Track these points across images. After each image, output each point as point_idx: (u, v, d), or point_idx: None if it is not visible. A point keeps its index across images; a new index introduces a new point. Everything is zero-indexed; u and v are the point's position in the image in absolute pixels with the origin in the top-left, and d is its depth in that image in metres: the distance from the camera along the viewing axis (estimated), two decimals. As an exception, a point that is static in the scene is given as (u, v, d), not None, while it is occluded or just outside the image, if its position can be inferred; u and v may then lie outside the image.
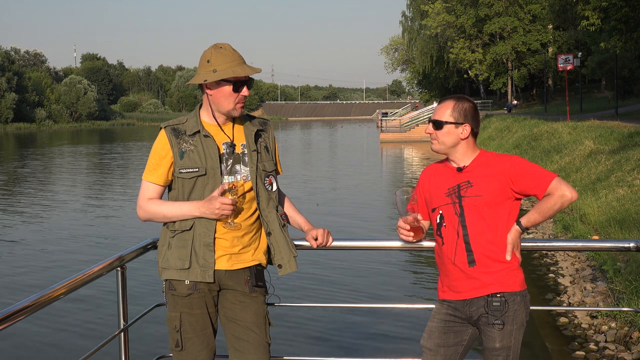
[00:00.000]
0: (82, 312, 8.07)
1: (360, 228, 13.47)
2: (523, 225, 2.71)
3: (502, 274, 2.69)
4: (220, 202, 2.68)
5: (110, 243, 12.28)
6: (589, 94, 52.84)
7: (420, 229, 2.91)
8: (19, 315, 2.27)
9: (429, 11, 58.25)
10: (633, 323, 6.45)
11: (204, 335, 2.82)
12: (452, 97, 2.81)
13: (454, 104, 2.76)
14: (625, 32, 23.24)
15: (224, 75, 2.71)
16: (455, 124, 2.74)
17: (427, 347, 2.80)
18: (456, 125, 2.74)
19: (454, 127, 2.74)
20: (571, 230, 10.38)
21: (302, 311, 7.71)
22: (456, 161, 2.79)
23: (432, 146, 2.83)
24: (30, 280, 9.76)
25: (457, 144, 2.76)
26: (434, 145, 2.81)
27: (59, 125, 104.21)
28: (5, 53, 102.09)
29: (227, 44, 2.79)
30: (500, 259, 2.70)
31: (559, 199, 2.66)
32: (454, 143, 2.76)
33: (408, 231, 2.90)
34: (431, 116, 2.83)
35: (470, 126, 2.76)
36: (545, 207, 2.67)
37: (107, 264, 2.90)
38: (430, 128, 2.80)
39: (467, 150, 2.77)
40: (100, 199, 19.41)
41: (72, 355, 6.68)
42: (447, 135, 2.75)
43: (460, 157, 2.78)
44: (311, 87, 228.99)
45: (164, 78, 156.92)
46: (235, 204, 2.73)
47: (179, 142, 2.79)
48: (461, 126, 2.75)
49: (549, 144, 20.71)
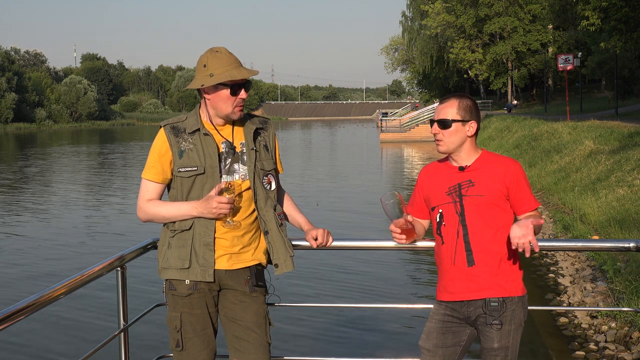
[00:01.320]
0: (82, 312, 8.06)
1: (360, 228, 13.46)
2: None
3: (502, 276, 2.69)
4: (217, 201, 2.68)
5: (110, 243, 12.27)
6: (589, 94, 52.83)
7: (412, 230, 2.88)
8: (19, 315, 2.27)
9: (429, 11, 58.24)
10: (633, 323, 6.45)
11: (204, 335, 2.82)
12: (454, 96, 2.78)
13: (458, 102, 2.74)
14: (625, 32, 23.23)
15: (221, 79, 2.71)
16: (462, 122, 2.73)
17: (426, 348, 2.79)
18: (463, 122, 2.73)
19: (461, 125, 2.72)
20: (571, 230, 10.37)
21: (302, 311, 7.70)
22: (459, 160, 2.77)
23: (438, 148, 2.77)
24: (30, 280, 9.75)
25: (464, 143, 2.74)
26: (441, 146, 2.76)
27: (59, 125, 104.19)
28: (5, 53, 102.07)
29: (223, 48, 2.78)
30: (500, 259, 2.69)
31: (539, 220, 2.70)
32: (461, 142, 2.74)
33: (400, 234, 2.88)
34: (434, 117, 2.78)
35: (476, 122, 2.76)
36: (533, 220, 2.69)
37: (107, 264, 2.90)
38: (436, 128, 2.75)
39: (471, 149, 2.76)
40: (100, 198, 19.41)
41: (72, 355, 6.69)
42: (454, 134, 2.72)
43: (465, 156, 2.76)
44: (311, 87, 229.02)
45: (164, 78, 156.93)
46: (233, 203, 2.72)
47: (178, 140, 2.80)
48: (468, 123, 2.74)
49: (549, 144, 20.70)
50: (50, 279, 9.36)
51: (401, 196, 2.82)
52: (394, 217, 2.82)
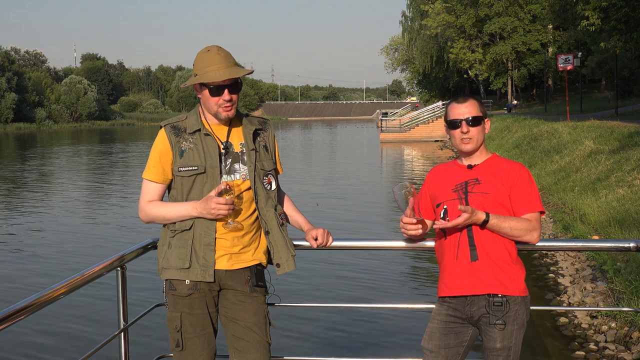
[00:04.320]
0: (82, 312, 8.06)
1: (360, 228, 13.46)
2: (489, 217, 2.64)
3: (504, 274, 2.68)
4: (216, 202, 2.68)
5: (110, 243, 12.27)
6: (589, 94, 52.82)
7: (424, 221, 2.85)
8: (19, 315, 2.27)
9: (429, 11, 58.25)
10: (633, 323, 6.45)
11: (204, 335, 2.82)
12: (467, 96, 2.83)
13: (476, 101, 2.80)
14: (625, 32, 23.23)
15: (200, 80, 2.70)
16: (485, 118, 2.81)
17: (428, 349, 2.78)
18: (484, 119, 2.80)
19: (484, 122, 2.80)
20: (571, 230, 10.37)
21: (302, 311, 7.70)
22: (472, 159, 2.82)
23: (466, 147, 2.76)
24: (30, 280, 9.75)
25: (483, 140, 2.81)
26: (470, 144, 2.76)
27: (59, 125, 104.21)
28: (5, 53, 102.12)
29: (215, 47, 2.75)
30: (502, 257, 2.69)
31: (526, 231, 2.68)
32: (483, 139, 2.80)
33: (415, 224, 2.79)
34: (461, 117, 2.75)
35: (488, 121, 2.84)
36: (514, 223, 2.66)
37: (108, 264, 2.90)
38: (467, 127, 2.75)
39: (484, 148, 2.84)
40: (100, 198, 19.41)
41: (72, 355, 6.69)
42: (481, 131, 2.78)
43: (478, 154, 2.81)
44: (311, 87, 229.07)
45: (164, 78, 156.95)
46: (232, 204, 2.71)
47: (178, 140, 2.80)
48: (486, 121, 2.81)
49: (549, 144, 20.70)
50: (50, 279, 9.36)
51: (413, 187, 2.79)
52: (405, 207, 2.79)
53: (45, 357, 6.89)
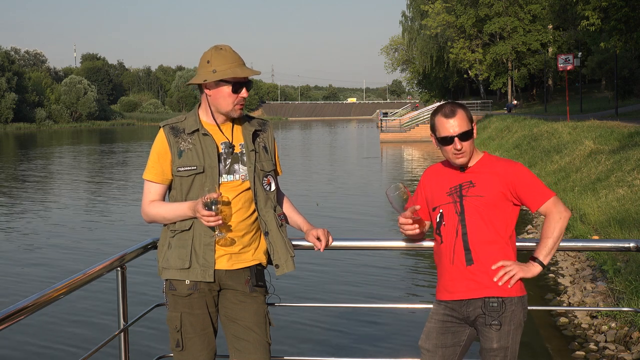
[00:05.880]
0: (82, 312, 8.06)
1: (360, 228, 13.46)
2: (543, 262, 2.73)
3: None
4: (200, 215, 2.66)
5: (110, 243, 12.27)
6: (589, 94, 52.83)
7: (421, 220, 2.86)
8: (19, 315, 2.27)
9: (429, 11, 58.27)
10: (633, 323, 6.45)
11: (204, 335, 2.83)
12: (453, 106, 2.74)
13: (462, 111, 2.72)
14: (625, 32, 23.24)
15: (224, 76, 2.71)
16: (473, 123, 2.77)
17: (426, 348, 2.79)
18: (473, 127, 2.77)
19: (474, 129, 2.76)
20: (571, 230, 10.37)
21: (302, 311, 7.71)
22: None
23: (460, 160, 2.71)
24: (30, 280, 9.75)
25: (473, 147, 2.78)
26: (463, 158, 2.71)
27: (59, 125, 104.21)
28: (5, 53, 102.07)
29: (228, 46, 2.79)
30: (498, 258, 2.69)
31: (562, 220, 2.73)
32: (473, 146, 2.77)
33: (412, 224, 2.81)
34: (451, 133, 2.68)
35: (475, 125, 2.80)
36: (555, 232, 2.74)
37: (108, 264, 2.90)
38: (460, 143, 2.68)
39: (474, 150, 2.79)
40: (100, 198, 19.41)
41: (72, 355, 6.69)
42: (472, 142, 2.75)
43: (471, 158, 2.79)
44: (311, 87, 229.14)
45: (164, 78, 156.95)
46: (218, 214, 2.65)
47: (177, 140, 2.81)
48: (474, 126, 2.78)
49: (549, 144, 20.70)
50: (50, 279, 9.36)
51: (407, 189, 2.79)
52: (401, 209, 2.79)
53: (45, 357, 6.90)
